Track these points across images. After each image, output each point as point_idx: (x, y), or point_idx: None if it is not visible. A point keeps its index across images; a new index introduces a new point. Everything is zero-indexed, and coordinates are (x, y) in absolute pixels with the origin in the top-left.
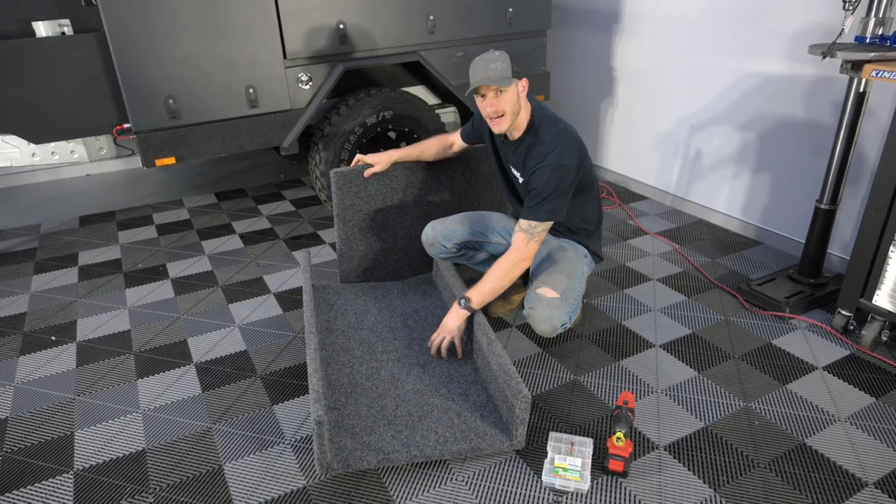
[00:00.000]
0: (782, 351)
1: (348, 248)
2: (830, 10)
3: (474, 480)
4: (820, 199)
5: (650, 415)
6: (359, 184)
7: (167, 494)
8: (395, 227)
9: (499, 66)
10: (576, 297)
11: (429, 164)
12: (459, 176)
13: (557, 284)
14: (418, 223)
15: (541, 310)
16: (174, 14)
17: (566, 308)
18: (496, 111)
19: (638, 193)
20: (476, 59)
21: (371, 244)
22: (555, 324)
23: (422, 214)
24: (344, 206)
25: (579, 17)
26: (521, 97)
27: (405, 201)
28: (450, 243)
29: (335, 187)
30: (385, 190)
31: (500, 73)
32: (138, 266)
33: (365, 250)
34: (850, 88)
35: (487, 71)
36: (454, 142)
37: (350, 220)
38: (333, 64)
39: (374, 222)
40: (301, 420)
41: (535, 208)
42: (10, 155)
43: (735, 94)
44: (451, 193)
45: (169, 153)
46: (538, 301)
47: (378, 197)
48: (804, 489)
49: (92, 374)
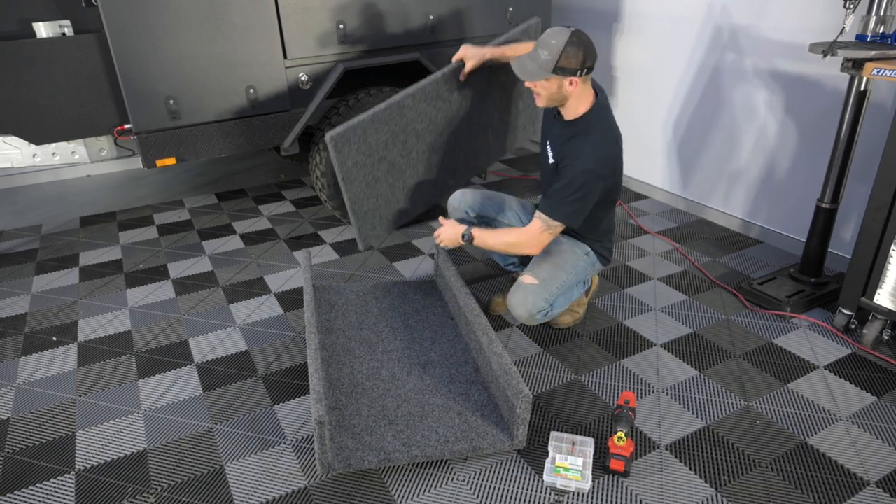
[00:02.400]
0: (783, 350)
1: (359, 207)
2: (831, 8)
3: (475, 480)
4: (821, 198)
5: (651, 414)
6: (357, 139)
7: (168, 495)
8: (401, 169)
9: (542, 55)
10: (559, 286)
11: (428, 97)
12: (459, 109)
13: (539, 272)
14: (423, 157)
15: (516, 294)
16: (174, 14)
17: (544, 295)
18: (533, 88)
19: (638, 192)
20: (548, 30)
21: (380, 194)
22: (530, 308)
23: (426, 147)
24: (347, 167)
25: (579, 16)
26: (566, 90)
27: (407, 140)
28: (473, 212)
29: (335, 152)
30: (385, 136)
31: (539, 63)
32: (139, 267)
33: (375, 203)
34: (851, 87)
35: (534, 55)
36: None
37: (355, 179)
38: (333, 64)
39: (379, 171)
40: (302, 420)
41: (555, 204)
42: (10, 156)
43: (736, 93)
44: (451, 125)
45: (169, 153)
46: (517, 287)
47: (379, 146)
48: (806, 488)
49: (93, 374)
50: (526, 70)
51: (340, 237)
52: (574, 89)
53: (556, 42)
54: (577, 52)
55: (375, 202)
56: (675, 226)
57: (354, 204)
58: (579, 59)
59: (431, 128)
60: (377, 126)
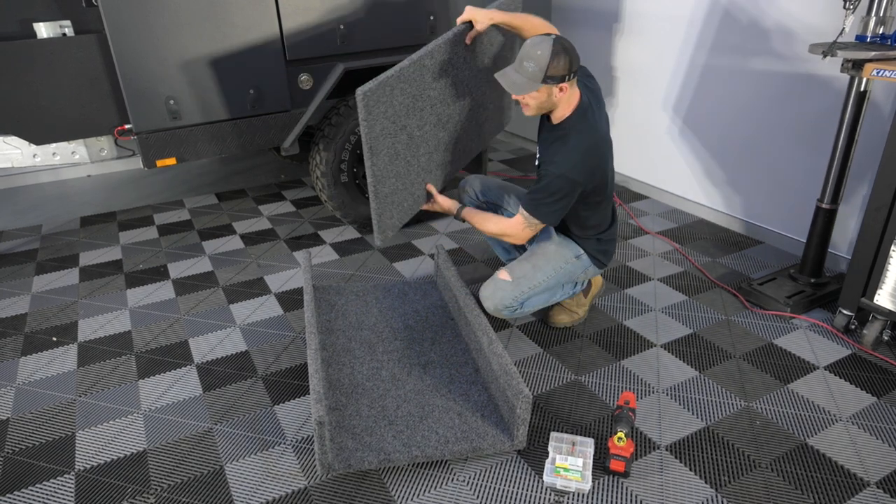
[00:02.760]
0: (783, 350)
1: (381, 187)
2: (830, 9)
3: (475, 480)
4: (821, 199)
5: (651, 415)
6: (385, 99)
7: (168, 495)
8: (417, 143)
9: (529, 68)
10: (531, 287)
11: (442, 59)
12: (465, 77)
13: (516, 270)
14: (433, 132)
15: (488, 286)
16: (175, 14)
17: (514, 293)
18: (520, 100)
19: (638, 193)
20: (528, 40)
21: (399, 173)
22: (496, 303)
23: (437, 120)
24: (374, 133)
25: (579, 16)
26: (556, 98)
27: (423, 108)
28: (483, 197)
29: (365, 112)
30: (407, 101)
31: (527, 75)
32: (139, 267)
33: (394, 184)
34: (850, 87)
35: (519, 67)
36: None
37: (380, 151)
38: (334, 64)
39: (399, 144)
40: (302, 420)
41: (534, 202)
42: (11, 156)
43: (736, 94)
44: (459, 95)
45: (170, 154)
46: (491, 279)
47: (401, 112)
48: (806, 489)
49: (93, 374)
50: (515, 84)
51: (340, 237)
52: (563, 95)
53: (542, 52)
54: (564, 59)
55: (395, 183)
56: (675, 226)
57: (378, 183)
58: (566, 65)
59: (443, 97)
60: (402, 86)
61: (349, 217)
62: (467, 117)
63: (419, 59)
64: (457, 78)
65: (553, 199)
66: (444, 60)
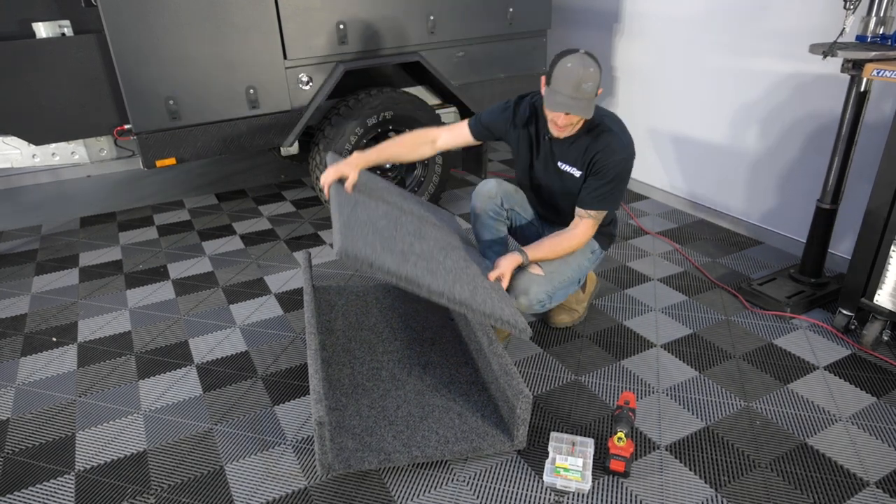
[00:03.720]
0: (783, 350)
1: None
2: (830, 9)
3: (475, 481)
4: (821, 199)
5: (651, 415)
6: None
7: (168, 495)
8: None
9: (590, 88)
10: (561, 281)
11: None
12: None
13: (547, 264)
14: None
15: (521, 281)
16: (174, 14)
17: (547, 287)
18: (567, 124)
19: (638, 193)
20: (569, 63)
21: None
22: (531, 298)
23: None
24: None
25: (579, 16)
26: None
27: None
28: (508, 205)
29: (334, 194)
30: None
31: (588, 96)
32: (139, 267)
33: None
34: (851, 88)
35: (578, 91)
36: (436, 137)
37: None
38: (334, 64)
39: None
40: (302, 421)
41: (601, 197)
42: (10, 156)
43: (736, 94)
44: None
45: (169, 154)
46: (522, 274)
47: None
48: (805, 489)
49: (93, 375)
50: (583, 109)
51: None
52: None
53: (594, 69)
54: (600, 65)
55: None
56: (675, 226)
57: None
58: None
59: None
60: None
61: None
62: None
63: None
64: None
65: (624, 184)
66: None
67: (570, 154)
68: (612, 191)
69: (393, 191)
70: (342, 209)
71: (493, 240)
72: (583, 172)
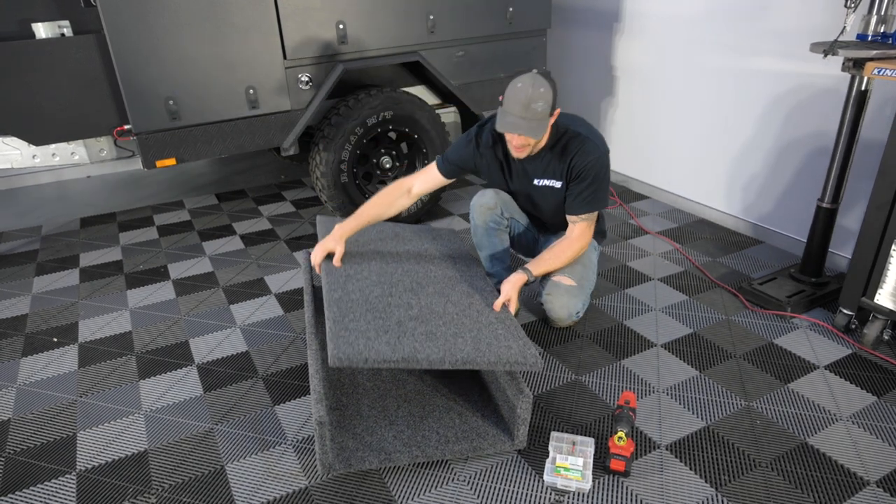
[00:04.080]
0: (784, 350)
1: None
2: (831, 7)
3: (476, 480)
4: (821, 198)
5: (651, 414)
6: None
7: (169, 495)
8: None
9: (539, 108)
10: (590, 286)
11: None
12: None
13: (574, 273)
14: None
15: (559, 296)
16: (174, 14)
17: (582, 297)
18: (523, 145)
19: (639, 193)
20: (518, 84)
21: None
22: (570, 311)
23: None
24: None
25: (579, 16)
26: (550, 124)
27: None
28: (508, 213)
29: (325, 274)
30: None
31: (539, 116)
32: (139, 268)
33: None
34: (851, 86)
35: (526, 111)
36: (411, 186)
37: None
38: (333, 64)
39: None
40: (303, 420)
41: (588, 200)
42: (10, 157)
43: (736, 93)
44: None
45: (169, 154)
46: (556, 288)
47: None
48: (806, 488)
49: (94, 375)
50: (533, 130)
51: None
52: (553, 120)
53: (545, 89)
54: (555, 87)
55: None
56: (676, 226)
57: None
58: (556, 91)
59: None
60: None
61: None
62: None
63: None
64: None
65: (606, 182)
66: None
67: (544, 168)
68: (595, 192)
69: (387, 234)
70: (332, 293)
71: (495, 253)
72: (563, 182)
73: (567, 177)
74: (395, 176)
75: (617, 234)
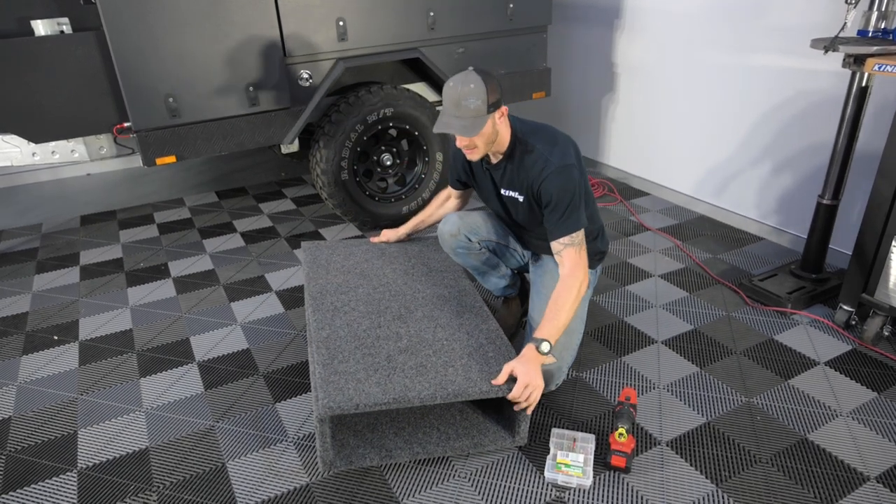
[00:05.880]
0: (784, 346)
1: (330, 359)
2: (832, 4)
3: (477, 477)
4: (822, 195)
5: (652, 410)
6: (329, 256)
7: (170, 492)
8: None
9: (472, 104)
10: (570, 352)
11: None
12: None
13: (555, 347)
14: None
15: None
16: (174, 12)
17: (564, 368)
18: (467, 146)
19: (639, 189)
20: (450, 83)
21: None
22: (556, 383)
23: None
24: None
25: (580, 12)
26: (498, 125)
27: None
28: (475, 238)
29: (312, 310)
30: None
31: (472, 113)
32: (140, 265)
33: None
34: (852, 83)
35: (458, 109)
36: (450, 194)
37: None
38: (334, 61)
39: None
40: (303, 418)
41: (563, 222)
42: (10, 154)
43: (737, 90)
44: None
45: (169, 152)
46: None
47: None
48: (806, 484)
49: (94, 373)
50: (465, 128)
51: (341, 235)
52: (504, 120)
53: (476, 84)
54: (493, 82)
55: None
56: (676, 223)
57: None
58: (498, 88)
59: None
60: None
61: (350, 215)
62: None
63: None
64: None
65: (574, 197)
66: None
67: (507, 179)
68: (572, 212)
69: (373, 253)
70: (320, 332)
71: (479, 268)
72: (525, 196)
73: (532, 197)
74: (395, 173)
75: (617, 230)
